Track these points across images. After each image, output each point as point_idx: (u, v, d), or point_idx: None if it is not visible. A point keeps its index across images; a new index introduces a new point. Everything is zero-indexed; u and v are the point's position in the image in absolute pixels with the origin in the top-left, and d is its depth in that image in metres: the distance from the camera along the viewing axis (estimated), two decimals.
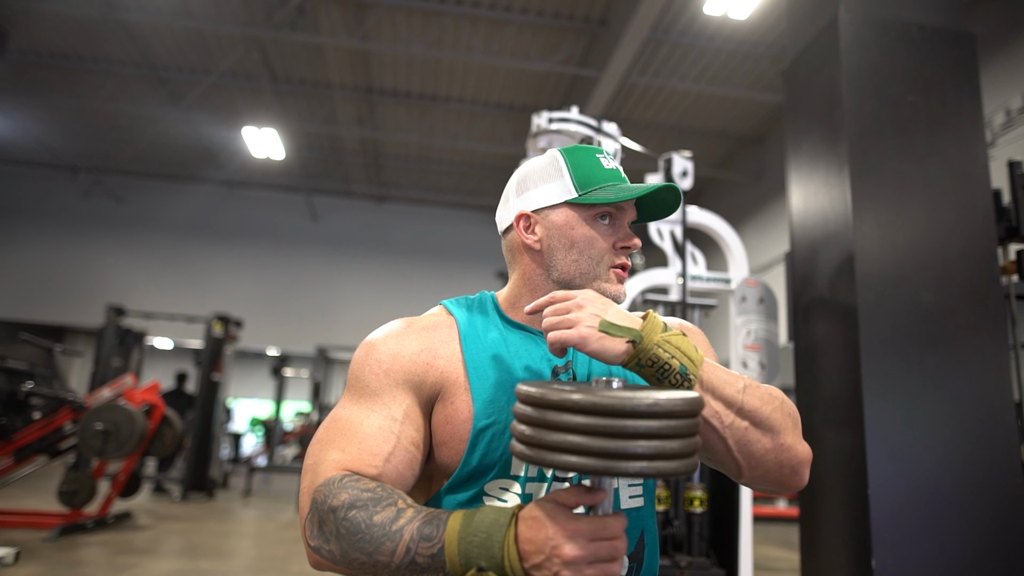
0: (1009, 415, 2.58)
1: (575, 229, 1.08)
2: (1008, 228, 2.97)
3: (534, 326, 1.11)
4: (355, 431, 0.97)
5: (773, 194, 11.02)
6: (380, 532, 0.84)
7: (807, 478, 1.02)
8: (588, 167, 1.09)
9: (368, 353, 1.05)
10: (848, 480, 2.58)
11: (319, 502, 0.89)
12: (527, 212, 1.11)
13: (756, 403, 0.95)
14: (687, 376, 0.90)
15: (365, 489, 0.88)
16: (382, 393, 1.01)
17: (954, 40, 2.90)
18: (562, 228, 1.08)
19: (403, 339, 1.06)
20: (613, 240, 1.09)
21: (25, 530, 5.76)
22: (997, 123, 6.80)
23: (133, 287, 14.18)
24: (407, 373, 1.02)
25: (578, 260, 1.08)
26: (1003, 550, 2.47)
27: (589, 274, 1.08)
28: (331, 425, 1.00)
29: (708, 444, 0.95)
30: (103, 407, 6.01)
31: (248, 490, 9.54)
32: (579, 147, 1.13)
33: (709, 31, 8.62)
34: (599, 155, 1.11)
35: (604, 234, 1.08)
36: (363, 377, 1.02)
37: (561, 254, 1.08)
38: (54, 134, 12.96)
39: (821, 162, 2.94)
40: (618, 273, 1.10)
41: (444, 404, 1.03)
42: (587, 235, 1.08)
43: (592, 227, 1.08)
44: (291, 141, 11.99)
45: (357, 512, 0.86)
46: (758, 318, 3.47)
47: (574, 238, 1.08)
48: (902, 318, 2.61)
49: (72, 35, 9.64)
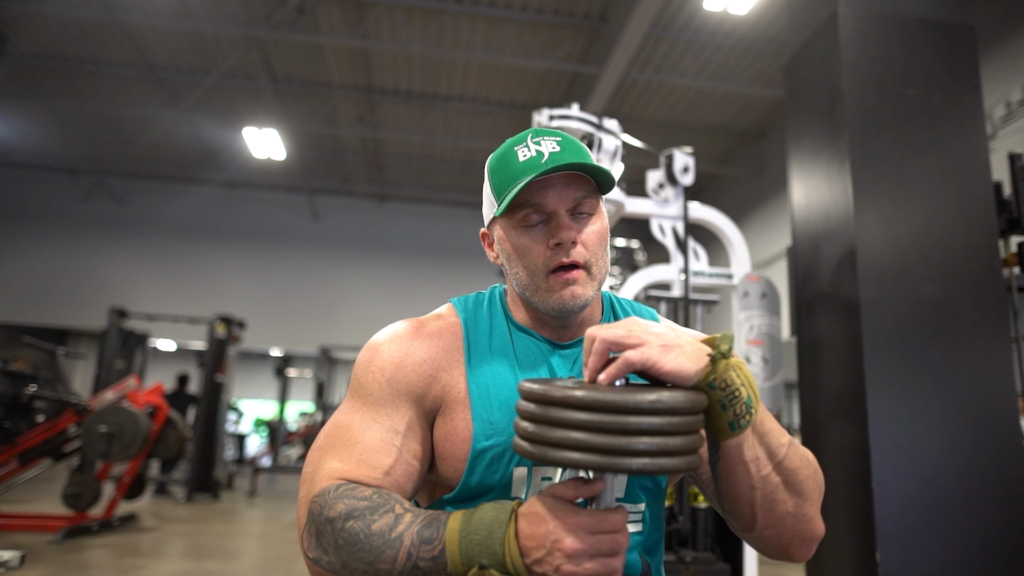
0: (1011, 407, 2.58)
1: (508, 241, 1.02)
2: (1009, 220, 2.96)
3: (541, 331, 1.07)
4: (356, 441, 0.95)
5: (775, 189, 11.02)
6: (379, 540, 0.83)
7: (812, 554, 0.98)
8: (502, 170, 1.01)
9: (371, 358, 1.02)
10: (852, 474, 2.58)
11: (316, 513, 0.88)
12: (484, 230, 1.08)
13: (796, 463, 0.91)
14: (750, 409, 0.81)
15: (362, 498, 0.87)
16: (384, 403, 0.98)
17: (954, 33, 2.90)
18: (502, 243, 1.03)
19: (408, 345, 1.02)
20: (547, 239, 0.99)
21: (30, 533, 5.77)
22: (997, 116, 6.78)
23: (135, 289, 14.20)
24: (409, 384, 0.99)
25: (519, 273, 1.01)
26: (1006, 542, 2.47)
27: (532, 286, 1.01)
28: (332, 432, 0.97)
29: (734, 489, 0.90)
30: (107, 409, 6.02)
31: (253, 491, 9.56)
32: (502, 148, 1.03)
33: (709, 27, 8.61)
34: (517, 146, 1.00)
35: (536, 239, 0.99)
36: (366, 384, 1.00)
37: (511, 269, 1.03)
38: (54, 137, 12.98)
39: (822, 156, 2.94)
40: (559, 278, 0.99)
41: (445, 419, 0.99)
42: (519, 245, 1.00)
43: (522, 235, 1.00)
44: (292, 141, 11.99)
45: (355, 522, 0.84)
46: (760, 313, 3.47)
47: (510, 251, 1.02)
48: (904, 311, 2.61)
49: (71, 37, 9.65)
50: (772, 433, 0.88)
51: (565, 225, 0.98)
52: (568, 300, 0.98)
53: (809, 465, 0.94)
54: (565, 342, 1.07)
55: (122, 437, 5.93)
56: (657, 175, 3.73)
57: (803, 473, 0.92)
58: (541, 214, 0.99)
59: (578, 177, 1.00)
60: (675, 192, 3.70)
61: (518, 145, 1.01)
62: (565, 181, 0.99)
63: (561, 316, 1.02)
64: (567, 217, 0.99)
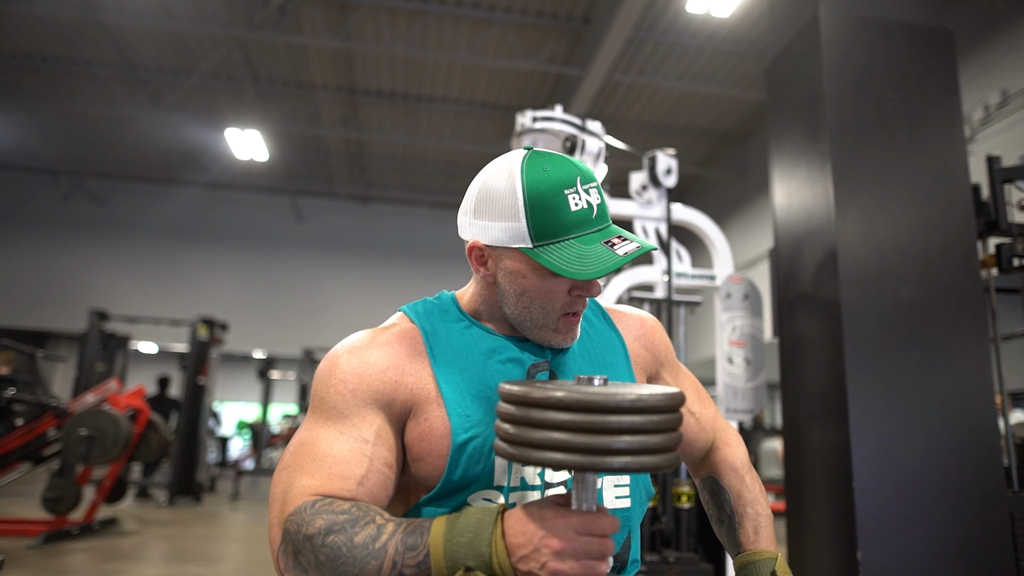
0: (990, 406, 2.61)
1: (527, 279, 0.99)
2: (987, 222, 2.99)
3: (499, 330, 1.06)
4: (324, 455, 0.92)
5: (757, 191, 11.09)
6: (363, 552, 0.81)
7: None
8: (549, 213, 0.94)
9: (331, 372, 0.99)
10: (833, 473, 2.60)
11: (292, 532, 0.86)
12: (479, 244, 1.01)
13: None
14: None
15: (340, 511, 0.85)
16: (350, 414, 0.95)
17: (933, 37, 2.94)
18: (513, 275, 1.00)
19: (367, 355, 1.00)
20: (569, 287, 0.99)
21: (9, 538, 5.70)
22: (976, 119, 6.87)
23: (116, 291, 14.05)
24: (375, 392, 0.97)
25: (528, 307, 1.00)
26: (985, 539, 2.50)
27: (538, 322, 1.01)
28: (298, 450, 0.95)
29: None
30: (87, 412, 5.96)
31: (236, 494, 9.49)
32: (545, 178, 0.95)
33: (692, 29, 8.66)
34: (568, 191, 0.95)
35: (561, 284, 0.98)
36: (328, 398, 0.97)
37: (511, 298, 1.01)
38: (33, 137, 12.82)
39: (804, 158, 2.97)
40: (568, 321, 1.02)
41: (418, 421, 0.98)
42: (539, 287, 0.98)
43: (545, 280, 0.98)
44: (275, 142, 11.92)
45: (335, 536, 0.82)
46: (743, 314, 3.49)
47: (525, 287, 0.99)
48: (885, 312, 2.64)
49: (50, 37, 9.54)
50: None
51: (596, 285, 1.00)
52: (572, 340, 1.04)
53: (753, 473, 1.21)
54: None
55: (103, 440, 5.87)
56: (640, 177, 3.74)
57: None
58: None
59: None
60: (658, 194, 3.71)
61: (568, 189, 0.95)
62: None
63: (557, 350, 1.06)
64: None
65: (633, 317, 1.21)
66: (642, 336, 1.19)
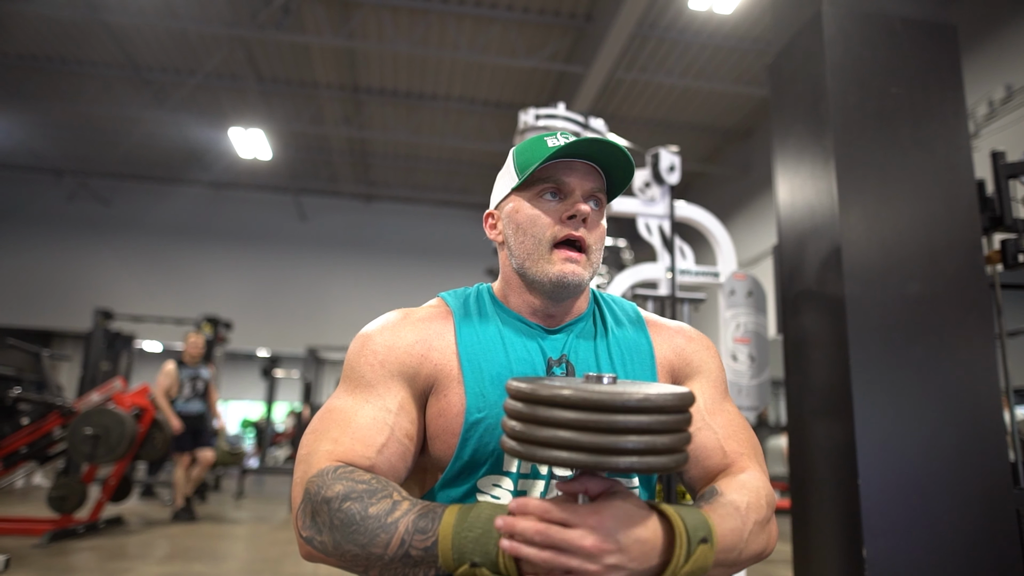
0: (995, 403, 2.60)
1: (520, 212, 1.07)
2: (992, 218, 2.98)
3: (531, 318, 1.10)
4: (348, 422, 0.97)
5: (760, 188, 11.06)
6: (375, 524, 0.83)
7: None
8: (530, 151, 1.07)
9: (364, 344, 1.04)
10: (838, 471, 2.60)
11: (312, 493, 0.89)
12: (490, 211, 1.14)
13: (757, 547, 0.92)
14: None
15: (360, 481, 0.88)
16: (377, 384, 1.00)
17: (936, 32, 2.92)
18: (511, 215, 1.08)
19: (399, 330, 1.05)
20: (559, 214, 1.05)
21: (15, 537, 5.72)
22: (980, 114, 6.85)
23: (121, 290, 14.09)
24: (402, 365, 1.02)
25: (524, 243, 1.06)
26: (991, 536, 2.49)
27: (535, 255, 1.05)
28: (325, 415, 1.00)
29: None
30: (92, 411, 5.97)
31: (240, 492, 9.50)
32: (533, 137, 1.10)
33: (695, 26, 8.64)
34: (548, 137, 1.07)
35: (549, 210, 1.05)
36: (358, 368, 1.02)
37: (513, 240, 1.08)
38: (37, 137, 12.85)
39: (807, 155, 2.96)
40: (565, 253, 1.04)
41: (438, 397, 1.02)
42: (530, 215, 1.05)
43: (536, 206, 1.06)
44: (278, 141, 11.93)
45: (352, 504, 0.85)
46: (747, 311, 3.48)
47: (519, 221, 1.07)
48: (889, 309, 2.63)
49: (54, 37, 9.56)
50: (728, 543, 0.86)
51: (579, 201, 1.04)
52: (568, 275, 1.03)
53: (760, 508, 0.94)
54: (553, 327, 1.10)
55: (108, 439, 5.88)
56: (643, 174, 3.73)
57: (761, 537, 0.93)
58: (561, 192, 1.06)
59: (596, 174, 1.08)
60: (661, 191, 3.71)
61: (549, 136, 1.07)
62: (587, 170, 1.06)
63: (556, 290, 1.05)
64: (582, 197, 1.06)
65: (672, 327, 1.18)
66: (676, 344, 1.15)
